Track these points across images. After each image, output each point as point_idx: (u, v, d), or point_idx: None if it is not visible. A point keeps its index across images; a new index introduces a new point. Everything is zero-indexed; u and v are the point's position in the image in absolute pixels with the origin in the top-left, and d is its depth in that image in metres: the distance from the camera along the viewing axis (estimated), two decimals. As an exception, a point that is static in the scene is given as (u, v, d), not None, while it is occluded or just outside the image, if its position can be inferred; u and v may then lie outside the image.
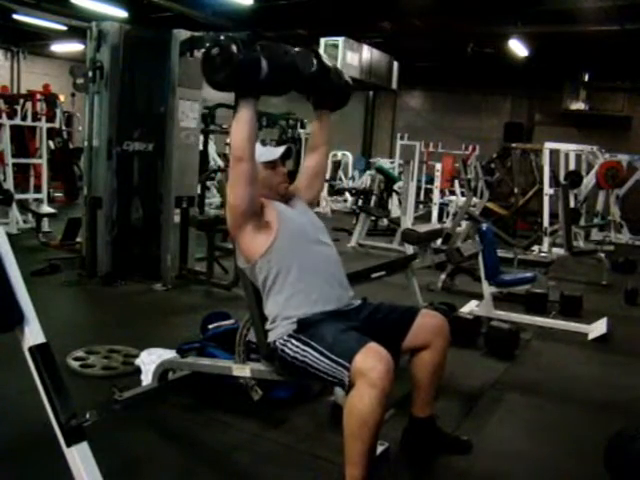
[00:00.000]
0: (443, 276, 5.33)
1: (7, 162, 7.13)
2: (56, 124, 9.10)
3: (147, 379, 2.83)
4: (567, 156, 9.01)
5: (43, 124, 7.85)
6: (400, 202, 7.53)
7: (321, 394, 2.83)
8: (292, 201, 2.39)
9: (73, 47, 12.74)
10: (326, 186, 10.29)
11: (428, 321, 2.25)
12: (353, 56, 7.66)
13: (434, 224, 7.28)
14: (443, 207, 9.74)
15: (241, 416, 2.63)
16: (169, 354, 2.99)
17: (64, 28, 10.97)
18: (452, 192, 10.69)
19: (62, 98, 10.22)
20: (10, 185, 7.04)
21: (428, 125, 14.93)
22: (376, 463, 2.00)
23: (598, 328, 4.10)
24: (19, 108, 8.84)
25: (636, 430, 2.23)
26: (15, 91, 13.70)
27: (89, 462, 1.53)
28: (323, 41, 7.46)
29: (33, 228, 6.69)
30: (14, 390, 2.63)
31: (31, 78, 14.19)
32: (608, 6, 7.89)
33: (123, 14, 9.36)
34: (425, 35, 10.35)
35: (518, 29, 9.36)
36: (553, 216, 7.00)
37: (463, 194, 9.51)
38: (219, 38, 2.01)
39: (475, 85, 13.84)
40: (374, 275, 3.34)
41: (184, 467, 2.27)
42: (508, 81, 13.25)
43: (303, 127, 10.11)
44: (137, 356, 3.12)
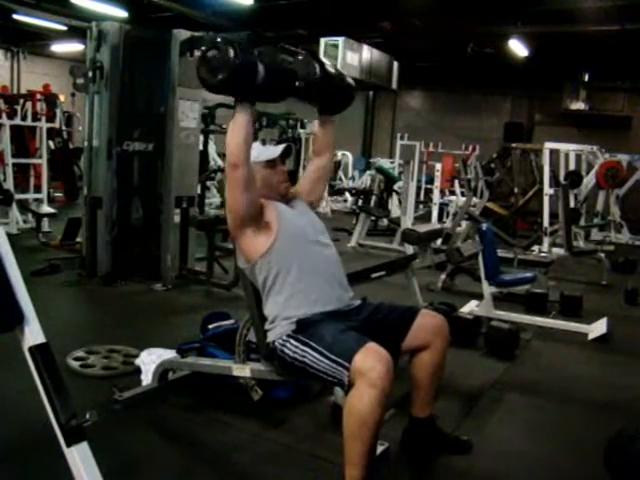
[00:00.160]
0: (443, 276, 5.33)
1: (7, 162, 7.13)
2: (56, 124, 9.10)
3: (147, 379, 2.84)
4: (567, 156, 9.00)
5: (43, 124, 7.85)
6: (400, 202, 7.53)
7: (321, 394, 2.83)
8: (293, 202, 2.39)
9: (73, 47, 12.74)
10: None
11: (428, 321, 2.26)
12: (353, 56, 7.66)
13: (434, 224, 7.27)
14: (443, 207, 9.74)
15: (241, 416, 2.63)
16: (169, 354, 2.99)
17: (64, 28, 10.97)
18: (452, 192, 10.69)
19: (62, 98, 10.22)
20: (10, 185, 7.05)
21: (428, 125, 14.93)
22: (376, 463, 2.00)
23: (598, 328, 4.10)
24: (19, 108, 8.83)
25: (636, 430, 2.23)
26: (15, 91, 13.70)
27: (89, 462, 1.53)
28: (323, 41, 7.45)
29: (33, 228, 6.69)
30: (14, 390, 2.63)
31: (31, 78, 14.19)
32: (608, 6, 7.89)
33: (123, 14, 9.36)
34: (425, 35, 10.35)
35: (518, 29, 9.36)
36: (553, 216, 7.00)
37: (463, 194, 9.51)
38: (216, 40, 2.00)
39: (475, 85, 13.84)
40: (374, 275, 3.35)
41: (184, 467, 2.27)
42: (508, 81, 13.25)
43: (303, 127, 10.10)
44: (137, 356, 3.13)
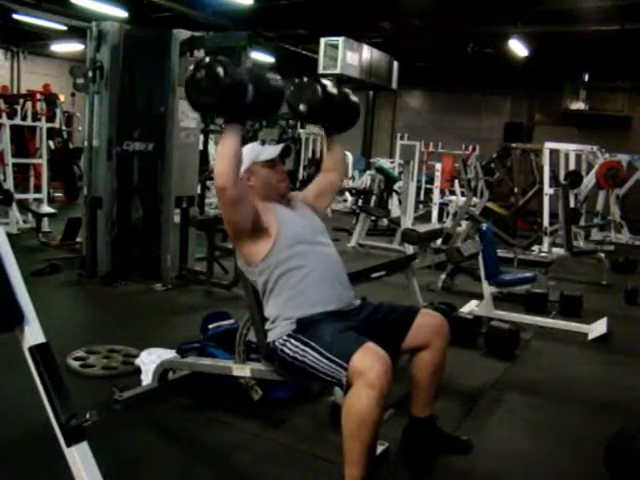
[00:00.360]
0: (443, 276, 5.33)
1: (7, 162, 7.13)
2: (56, 124, 9.10)
3: (147, 379, 2.84)
4: (567, 156, 9.00)
5: (43, 124, 7.85)
6: (400, 202, 7.53)
7: (321, 394, 2.83)
8: (293, 202, 2.40)
9: (73, 47, 12.73)
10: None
11: (428, 321, 2.26)
12: (353, 56, 7.65)
13: (434, 224, 7.28)
14: (443, 207, 9.74)
15: (241, 416, 2.63)
16: (169, 354, 2.99)
17: (64, 28, 10.97)
18: (452, 192, 10.68)
19: (62, 98, 10.22)
20: (10, 185, 7.04)
21: (428, 125, 14.93)
22: (376, 463, 2.00)
23: (598, 328, 4.10)
24: (19, 108, 8.84)
25: (636, 430, 2.23)
26: (15, 91, 13.71)
27: (89, 462, 1.53)
28: (323, 41, 7.44)
29: (33, 228, 6.69)
30: (14, 390, 2.63)
31: (31, 78, 14.19)
32: (608, 6, 7.89)
33: (123, 14, 9.36)
34: (425, 35, 10.35)
35: (518, 29, 9.36)
36: (553, 216, 6.99)
37: (463, 194, 9.51)
38: (204, 61, 1.94)
39: (475, 85, 13.84)
40: (374, 275, 3.34)
41: (184, 467, 2.27)
42: (508, 81, 13.24)
43: (303, 127, 10.11)
44: (137, 356, 3.13)
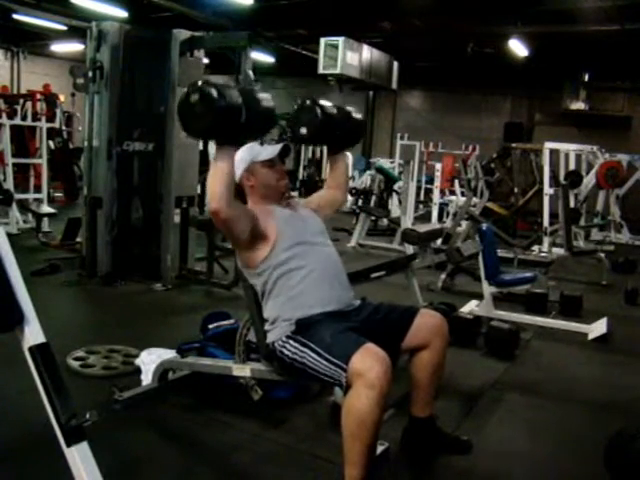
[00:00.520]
0: (443, 276, 5.33)
1: (7, 162, 7.13)
2: (56, 124, 9.10)
3: (147, 379, 2.84)
4: (567, 156, 9.00)
5: (43, 124, 7.85)
6: (400, 202, 7.53)
7: (321, 394, 2.83)
8: (293, 203, 2.40)
9: (73, 47, 12.73)
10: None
11: (427, 321, 2.25)
12: (353, 56, 7.64)
13: (434, 224, 7.28)
14: (443, 207, 9.74)
15: (241, 416, 2.63)
16: (169, 354, 3.00)
17: (64, 28, 10.97)
18: (452, 192, 10.68)
19: (62, 98, 10.22)
20: (10, 185, 7.05)
21: (428, 125, 14.92)
22: (376, 463, 2.00)
23: (598, 328, 4.10)
24: (19, 108, 8.85)
25: (636, 430, 2.23)
26: (15, 91, 13.71)
27: (89, 462, 1.53)
28: (323, 41, 7.43)
29: (33, 228, 6.69)
30: (14, 390, 2.63)
31: (31, 78, 14.19)
32: (608, 6, 7.89)
33: (123, 14, 9.36)
34: (425, 35, 10.35)
35: (518, 29, 9.35)
36: (553, 216, 6.99)
37: (463, 194, 9.51)
38: (197, 84, 1.88)
39: (475, 85, 13.83)
40: (374, 275, 3.35)
41: (184, 467, 2.27)
42: (508, 81, 13.24)
43: (303, 127, 10.06)
44: (137, 356, 3.13)
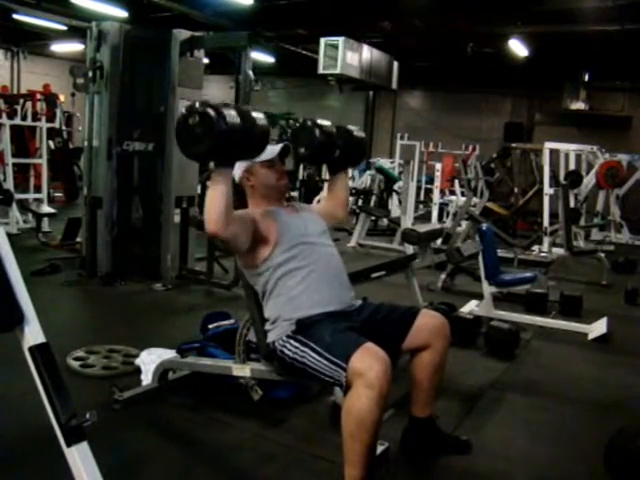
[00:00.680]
0: (443, 276, 5.33)
1: (7, 162, 7.13)
2: (56, 124, 9.10)
3: (147, 379, 2.84)
4: (567, 156, 9.00)
5: (43, 124, 7.85)
6: (400, 202, 7.53)
7: (321, 394, 2.83)
8: (296, 205, 2.41)
9: (73, 47, 12.72)
10: (326, 185, 10.28)
11: (428, 321, 2.25)
12: (353, 56, 7.62)
13: (434, 224, 7.28)
14: (443, 207, 9.74)
15: (241, 416, 2.63)
16: (169, 354, 3.00)
17: (64, 28, 10.96)
18: (452, 192, 10.68)
19: (62, 98, 10.22)
20: (10, 185, 7.05)
21: (428, 125, 14.91)
22: (376, 463, 2.00)
23: (598, 328, 4.10)
24: (19, 108, 8.85)
25: (636, 430, 2.23)
26: (15, 91, 13.70)
27: (89, 462, 1.53)
28: (323, 41, 7.42)
29: (33, 228, 6.69)
30: (14, 390, 2.63)
31: (31, 78, 14.18)
32: (608, 6, 7.88)
33: (123, 14, 9.35)
34: (425, 35, 10.34)
35: (518, 29, 9.34)
36: (553, 216, 6.99)
37: (463, 194, 9.51)
38: (195, 106, 1.84)
39: (475, 85, 13.82)
40: (374, 275, 3.34)
41: (184, 467, 2.27)
42: (508, 81, 13.23)
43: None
44: (137, 356, 3.13)
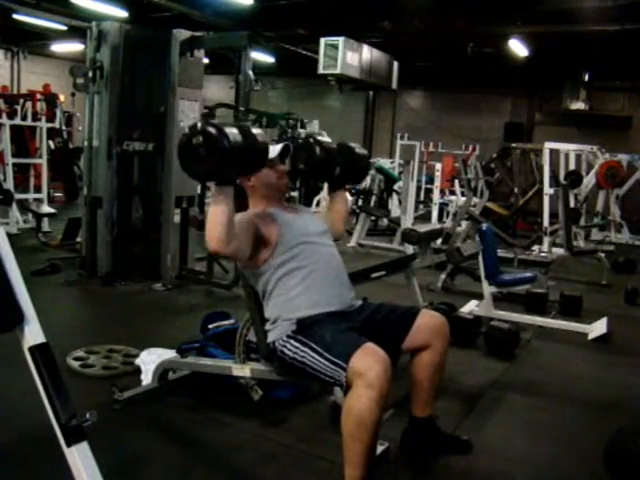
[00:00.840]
0: (443, 276, 5.33)
1: (7, 162, 7.13)
2: (56, 124, 9.08)
3: (147, 379, 2.84)
4: (567, 156, 9.00)
5: (43, 124, 7.86)
6: (400, 202, 7.53)
7: (321, 394, 2.83)
8: (298, 207, 2.41)
9: (73, 47, 12.71)
10: (326, 185, 10.28)
11: (428, 321, 2.25)
12: (353, 56, 7.62)
13: (434, 224, 7.28)
14: (443, 207, 9.74)
15: (241, 416, 2.63)
16: (169, 354, 3.00)
17: (64, 28, 10.95)
18: (452, 192, 10.68)
19: (62, 98, 10.20)
20: (10, 185, 7.05)
21: (428, 125, 14.91)
22: (376, 463, 2.00)
23: (598, 328, 4.10)
24: (19, 108, 8.83)
25: (636, 430, 2.23)
26: (15, 91, 13.69)
27: (89, 462, 1.52)
28: (323, 41, 7.42)
29: (33, 228, 6.68)
30: (14, 390, 2.63)
31: (31, 78, 14.17)
32: (608, 6, 7.88)
33: (123, 14, 9.35)
34: (425, 35, 10.33)
35: (518, 29, 9.34)
36: (553, 216, 7.00)
37: (463, 194, 9.51)
38: (198, 126, 1.83)
39: (475, 85, 13.81)
40: (374, 275, 3.35)
41: (184, 467, 2.27)
42: (508, 81, 13.23)
43: (303, 127, 10.11)
44: (137, 356, 3.13)
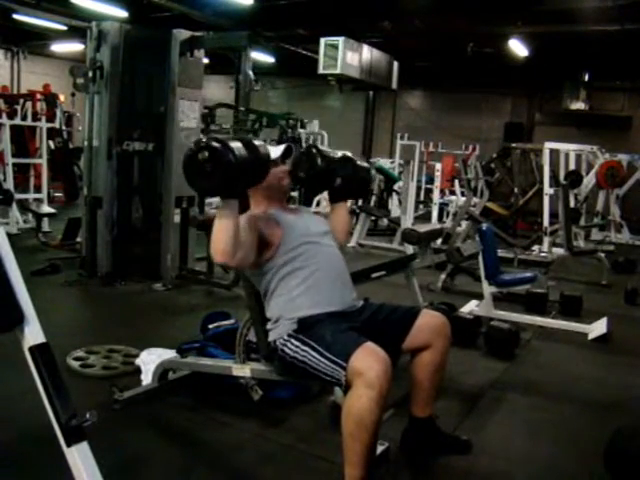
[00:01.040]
0: (443, 276, 5.33)
1: (7, 162, 7.13)
2: (56, 124, 9.09)
3: (147, 379, 2.84)
4: (567, 156, 8.99)
5: (43, 124, 7.86)
6: (400, 202, 7.53)
7: (321, 394, 2.83)
8: (300, 209, 2.41)
9: (73, 47, 12.71)
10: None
11: (429, 321, 2.25)
12: (353, 56, 7.63)
13: (434, 224, 7.28)
14: (443, 207, 9.74)
15: (241, 416, 2.63)
16: (169, 354, 3.00)
17: (64, 28, 10.95)
18: (452, 192, 10.68)
19: (62, 98, 10.21)
20: (10, 185, 7.06)
21: (428, 125, 14.91)
22: (376, 463, 2.00)
23: (598, 328, 4.10)
24: (19, 108, 8.83)
25: (636, 430, 2.23)
26: (15, 91, 13.69)
27: (89, 462, 1.52)
28: (323, 41, 7.42)
29: (33, 228, 6.68)
30: (14, 390, 2.63)
31: (31, 78, 14.17)
32: (608, 6, 7.88)
33: (123, 14, 9.35)
34: (425, 35, 10.33)
35: (518, 29, 9.33)
36: (553, 216, 6.99)
37: (463, 194, 9.51)
38: (202, 141, 1.84)
39: (475, 85, 13.81)
40: (374, 275, 3.34)
41: (184, 467, 2.27)
42: (508, 81, 13.23)
43: (303, 127, 10.11)
44: (137, 356, 3.13)
